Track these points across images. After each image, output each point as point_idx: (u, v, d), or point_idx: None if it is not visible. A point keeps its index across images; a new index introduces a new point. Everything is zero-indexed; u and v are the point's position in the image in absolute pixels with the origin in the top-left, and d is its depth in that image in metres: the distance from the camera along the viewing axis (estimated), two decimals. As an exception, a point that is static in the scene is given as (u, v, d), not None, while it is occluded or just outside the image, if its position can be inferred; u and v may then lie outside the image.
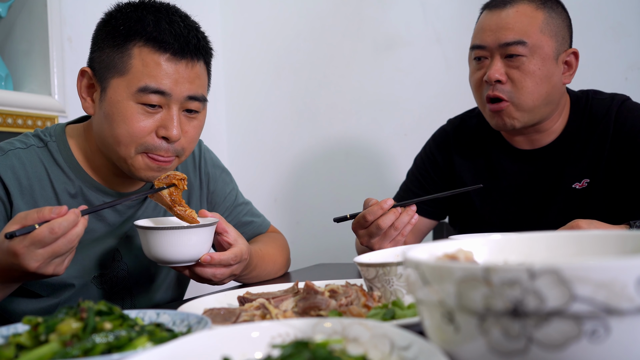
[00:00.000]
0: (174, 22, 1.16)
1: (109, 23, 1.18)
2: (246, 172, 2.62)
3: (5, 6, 1.96)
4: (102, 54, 1.17)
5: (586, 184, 1.50)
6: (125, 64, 1.14)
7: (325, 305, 0.81)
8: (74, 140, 1.25)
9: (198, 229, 1.12)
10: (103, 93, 1.16)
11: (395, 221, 1.29)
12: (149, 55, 1.13)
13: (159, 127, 1.16)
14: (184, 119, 1.19)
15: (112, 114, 1.14)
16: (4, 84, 1.90)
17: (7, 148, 1.18)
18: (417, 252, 0.58)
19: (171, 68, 1.14)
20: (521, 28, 1.44)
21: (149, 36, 1.13)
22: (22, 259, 0.92)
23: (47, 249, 0.93)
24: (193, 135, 1.21)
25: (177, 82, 1.15)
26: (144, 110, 1.14)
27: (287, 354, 0.50)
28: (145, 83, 1.13)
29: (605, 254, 0.61)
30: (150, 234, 1.11)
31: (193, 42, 1.17)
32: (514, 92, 1.45)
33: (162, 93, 1.14)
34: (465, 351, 0.48)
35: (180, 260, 1.13)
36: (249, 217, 1.54)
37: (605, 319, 0.42)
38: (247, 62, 2.70)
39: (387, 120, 2.44)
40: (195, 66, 1.18)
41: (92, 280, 1.25)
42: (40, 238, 0.91)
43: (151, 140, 1.15)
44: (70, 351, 0.62)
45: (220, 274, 1.19)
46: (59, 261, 0.96)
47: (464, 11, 2.24)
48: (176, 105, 1.16)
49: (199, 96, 1.19)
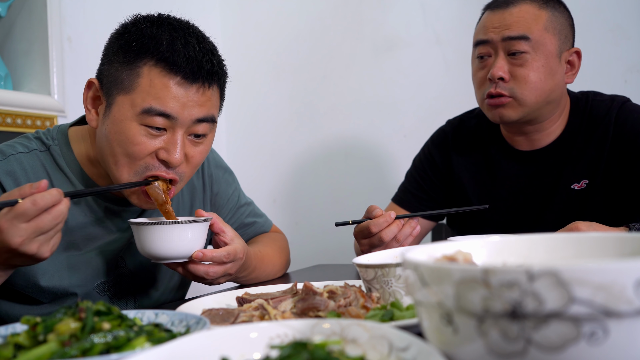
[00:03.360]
0: (189, 44, 1.11)
1: (122, 36, 1.13)
2: (245, 173, 2.62)
3: (5, 6, 1.96)
4: (112, 68, 1.12)
5: (585, 185, 1.50)
6: (133, 82, 1.09)
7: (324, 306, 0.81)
8: (77, 144, 1.21)
9: (191, 225, 1.12)
10: (108, 109, 1.12)
11: (397, 233, 1.30)
12: (158, 77, 1.08)
13: (160, 149, 1.11)
14: (188, 143, 1.14)
15: (114, 132, 1.10)
16: (3, 84, 1.90)
17: (9, 152, 1.15)
18: (416, 254, 0.58)
19: (180, 92, 1.09)
20: (525, 24, 1.44)
21: (161, 56, 1.08)
22: (5, 234, 0.90)
23: (30, 224, 0.90)
24: (198, 161, 1.17)
25: (185, 105, 1.10)
26: (147, 132, 1.09)
27: (285, 355, 0.50)
28: (150, 104, 1.08)
29: (604, 256, 0.61)
30: (143, 229, 1.11)
31: (206, 67, 1.11)
32: (517, 88, 1.45)
33: (167, 116, 1.09)
34: (464, 353, 0.48)
35: (172, 256, 1.13)
36: (252, 217, 1.54)
37: (604, 321, 0.42)
38: (246, 62, 2.70)
39: (386, 121, 2.44)
40: (207, 91, 1.13)
41: (94, 288, 1.23)
42: (23, 210, 0.89)
43: (150, 161, 1.11)
44: (68, 351, 0.62)
45: (213, 272, 1.16)
46: (43, 239, 0.93)
47: (464, 13, 2.25)
48: (182, 129, 1.11)
49: (208, 117, 1.14)
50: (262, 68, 2.68)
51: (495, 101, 1.46)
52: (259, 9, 2.69)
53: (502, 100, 1.46)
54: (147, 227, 1.11)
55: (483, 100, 1.51)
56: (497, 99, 1.46)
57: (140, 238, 1.12)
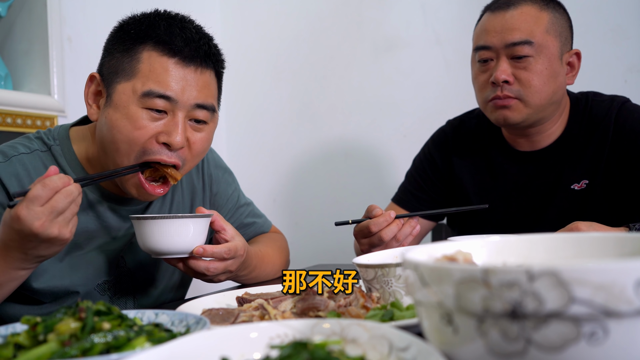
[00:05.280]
0: (186, 28, 1.15)
1: (121, 29, 1.17)
2: (245, 173, 2.62)
3: (5, 6, 1.96)
4: (112, 59, 1.15)
5: (585, 186, 1.50)
6: (133, 68, 1.12)
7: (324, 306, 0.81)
8: (78, 144, 1.22)
9: (192, 219, 1.12)
10: (108, 99, 1.14)
11: (397, 233, 1.30)
12: (157, 59, 1.11)
13: (160, 132, 1.12)
14: (189, 128, 1.16)
15: (115, 118, 1.11)
16: (3, 84, 1.90)
17: (11, 154, 1.16)
18: (416, 254, 0.58)
19: (179, 73, 1.12)
20: (527, 28, 1.44)
21: (159, 39, 1.12)
22: (25, 221, 0.93)
23: (46, 206, 0.94)
24: (199, 148, 1.18)
25: (184, 88, 1.12)
26: (149, 115, 1.11)
27: (285, 355, 0.50)
28: (150, 87, 1.10)
29: (604, 256, 0.61)
30: (144, 223, 1.11)
31: (204, 49, 1.15)
32: (522, 90, 1.44)
33: (167, 98, 1.11)
34: (464, 353, 0.48)
35: (173, 251, 1.12)
36: (251, 218, 1.54)
37: (604, 321, 0.42)
38: (246, 62, 2.70)
39: (386, 121, 2.44)
40: (204, 73, 1.15)
41: (95, 288, 1.24)
42: (35, 194, 0.93)
43: (150, 145, 1.12)
44: (68, 351, 0.62)
45: (213, 268, 1.16)
46: (62, 220, 0.95)
47: (464, 13, 2.25)
48: (182, 112, 1.13)
49: (207, 105, 1.16)
50: (262, 68, 2.68)
51: (502, 102, 1.46)
52: (259, 9, 2.69)
53: (509, 102, 1.46)
54: (149, 221, 1.10)
55: (485, 103, 1.50)
56: (504, 100, 1.46)
57: (141, 233, 1.12)
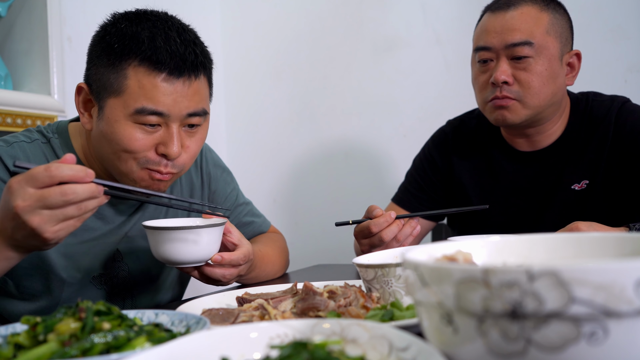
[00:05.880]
0: (170, 38, 1.12)
1: (103, 39, 1.14)
2: (245, 173, 2.62)
3: (5, 6, 1.96)
4: (98, 72, 1.13)
5: (585, 186, 1.50)
6: (121, 84, 1.10)
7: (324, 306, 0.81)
8: (77, 139, 1.24)
9: (209, 229, 1.10)
10: (101, 111, 1.13)
11: (397, 233, 1.30)
12: (144, 77, 1.09)
13: (158, 144, 1.13)
14: (184, 134, 1.16)
15: (111, 133, 1.11)
16: (3, 84, 1.90)
17: (12, 140, 1.17)
18: (416, 254, 0.58)
19: (168, 88, 1.10)
20: (527, 29, 1.43)
21: (144, 56, 1.09)
22: (12, 194, 0.88)
23: (37, 191, 0.86)
24: (194, 150, 1.19)
25: (175, 101, 1.11)
26: (143, 129, 1.11)
27: (285, 355, 0.50)
28: (142, 105, 1.09)
29: (604, 256, 0.61)
30: (161, 234, 1.09)
31: (190, 59, 1.13)
32: (522, 91, 1.44)
33: (159, 114, 1.10)
34: (464, 353, 0.48)
35: (190, 261, 1.11)
36: (250, 217, 1.54)
37: (604, 321, 0.42)
38: (246, 62, 2.70)
39: (386, 121, 2.44)
40: (193, 83, 1.14)
41: (91, 280, 1.24)
42: (34, 174, 0.87)
43: (151, 156, 1.13)
44: (68, 351, 0.62)
45: (229, 275, 1.18)
46: (47, 215, 0.87)
47: (464, 13, 2.25)
48: (176, 123, 1.13)
49: (199, 111, 1.16)
50: (262, 68, 2.68)
51: (501, 102, 1.46)
52: (259, 9, 2.69)
53: (507, 102, 1.46)
54: (165, 232, 1.08)
55: (485, 103, 1.50)
56: (502, 100, 1.46)
57: (156, 243, 1.10)
